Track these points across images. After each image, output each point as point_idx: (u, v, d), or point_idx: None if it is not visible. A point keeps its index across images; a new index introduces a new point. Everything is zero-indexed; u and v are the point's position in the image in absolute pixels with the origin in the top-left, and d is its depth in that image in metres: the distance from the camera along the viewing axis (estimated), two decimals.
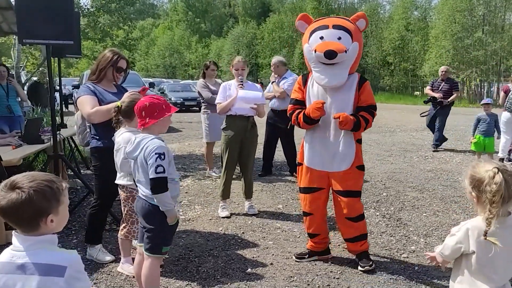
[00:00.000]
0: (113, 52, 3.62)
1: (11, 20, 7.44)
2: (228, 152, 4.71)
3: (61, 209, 1.51)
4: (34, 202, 1.43)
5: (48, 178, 1.50)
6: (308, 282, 3.23)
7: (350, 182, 3.39)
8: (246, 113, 4.65)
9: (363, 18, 3.40)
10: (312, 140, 3.46)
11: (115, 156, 3.16)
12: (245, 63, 4.78)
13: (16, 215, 1.44)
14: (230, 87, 4.74)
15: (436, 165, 7.45)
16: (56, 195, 1.49)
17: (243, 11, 49.74)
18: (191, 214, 4.83)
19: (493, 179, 1.84)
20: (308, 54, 3.37)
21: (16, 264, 1.45)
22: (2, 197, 1.43)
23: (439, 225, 4.47)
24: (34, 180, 1.46)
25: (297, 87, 3.56)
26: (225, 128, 4.76)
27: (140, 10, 56.50)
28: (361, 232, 3.49)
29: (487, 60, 26.04)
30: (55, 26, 3.88)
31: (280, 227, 4.42)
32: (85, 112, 3.45)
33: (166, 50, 51.61)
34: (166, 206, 2.56)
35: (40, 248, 1.46)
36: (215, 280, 3.25)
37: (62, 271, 1.43)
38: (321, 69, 3.30)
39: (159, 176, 2.49)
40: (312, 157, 3.44)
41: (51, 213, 1.47)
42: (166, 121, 2.68)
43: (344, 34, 3.30)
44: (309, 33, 3.40)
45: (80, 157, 6.96)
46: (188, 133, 11.39)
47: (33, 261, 1.44)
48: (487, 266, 1.92)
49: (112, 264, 3.51)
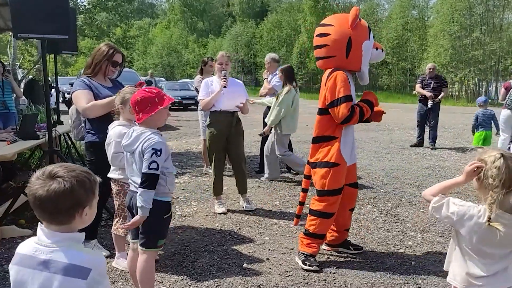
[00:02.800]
0: (109, 46, 3.59)
1: (7, 16, 7.38)
2: (215, 149, 4.68)
3: (94, 202, 1.47)
4: (75, 192, 1.37)
5: (85, 170, 1.46)
6: (304, 277, 3.21)
7: (356, 173, 3.60)
8: (230, 109, 4.63)
9: None
10: (349, 136, 3.45)
11: (106, 149, 3.13)
12: (229, 58, 4.75)
13: (55, 205, 1.36)
14: (212, 83, 4.71)
15: (434, 163, 7.44)
16: (93, 187, 1.44)
17: (240, 11, 49.69)
18: (188, 210, 4.80)
19: (494, 163, 1.86)
20: (368, 50, 3.38)
21: (39, 259, 1.38)
22: (41, 186, 1.36)
23: (436, 221, 4.45)
24: (74, 170, 1.41)
25: (347, 83, 3.30)
26: (210, 124, 4.72)
27: (139, 9, 56.51)
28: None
29: (485, 59, 26.06)
30: (50, 21, 3.83)
31: (276, 223, 4.40)
32: (80, 106, 3.41)
33: (164, 49, 51.54)
34: (146, 204, 2.47)
35: (66, 246, 1.39)
36: (211, 275, 3.23)
37: (86, 274, 1.37)
38: (368, 67, 3.46)
39: (151, 172, 2.45)
40: (349, 154, 3.44)
41: (87, 205, 1.42)
42: (162, 114, 2.60)
43: None
44: (368, 30, 3.39)
45: (76, 154, 6.93)
46: (186, 131, 11.37)
47: (57, 259, 1.37)
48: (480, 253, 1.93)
49: (107, 259, 3.48)
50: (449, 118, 14.37)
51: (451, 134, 11.00)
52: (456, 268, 2.01)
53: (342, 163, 3.36)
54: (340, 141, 3.36)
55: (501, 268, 1.93)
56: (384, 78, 33.43)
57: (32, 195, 1.37)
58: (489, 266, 1.92)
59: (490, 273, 1.92)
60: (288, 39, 39.18)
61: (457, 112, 17.91)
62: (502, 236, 1.86)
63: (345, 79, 3.27)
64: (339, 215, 3.54)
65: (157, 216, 2.57)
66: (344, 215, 3.58)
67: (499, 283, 1.93)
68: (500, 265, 1.93)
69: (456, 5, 26.20)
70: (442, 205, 1.99)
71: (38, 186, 1.36)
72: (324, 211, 3.38)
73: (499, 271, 1.93)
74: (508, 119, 7.51)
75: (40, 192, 1.35)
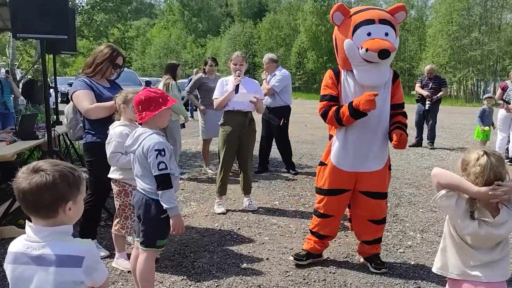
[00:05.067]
0: (111, 48, 3.57)
1: (6, 16, 7.37)
2: (226, 148, 4.67)
3: (79, 198, 1.48)
4: (57, 186, 1.40)
5: (71, 165, 1.49)
6: (304, 277, 3.22)
7: (381, 183, 3.21)
8: (244, 108, 4.62)
9: (403, 10, 3.15)
10: (346, 139, 3.20)
11: (106, 149, 3.13)
12: (244, 59, 4.75)
13: (36, 198, 1.39)
14: (228, 82, 4.70)
15: (433, 162, 7.45)
16: (77, 183, 1.47)
17: (238, 11, 49.67)
18: (187, 210, 4.80)
19: (478, 160, 1.89)
20: (352, 50, 3.07)
21: (32, 255, 1.42)
22: (24, 179, 1.39)
23: (436, 221, 4.46)
24: (59, 165, 1.44)
25: (330, 83, 3.23)
26: (223, 123, 4.72)
27: (138, 9, 56.41)
28: (379, 235, 3.37)
29: (484, 59, 26.11)
30: (49, 21, 3.83)
31: (276, 223, 4.40)
32: (82, 107, 3.37)
33: (162, 49, 51.50)
34: (168, 204, 2.52)
35: (55, 239, 1.43)
36: (211, 275, 3.23)
37: (79, 262, 1.41)
38: (366, 67, 3.06)
39: (162, 173, 2.48)
40: (343, 158, 3.21)
41: (70, 200, 1.44)
42: (164, 115, 2.61)
43: (390, 29, 3.07)
44: (353, 27, 3.07)
45: (75, 154, 6.91)
46: (185, 131, 11.25)
47: (49, 253, 1.40)
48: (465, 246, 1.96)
49: (107, 259, 3.48)
50: (447, 118, 14.37)
51: (449, 134, 11.03)
52: (452, 259, 2.02)
53: (329, 164, 3.26)
54: (334, 141, 3.27)
55: (497, 259, 1.94)
56: None
57: (16, 188, 1.42)
58: (484, 255, 1.93)
59: (485, 261, 1.93)
60: (287, 39, 39.18)
61: (455, 112, 17.93)
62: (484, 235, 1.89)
63: (329, 77, 3.24)
64: (357, 223, 3.40)
65: (155, 215, 2.58)
66: (362, 224, 3.35)
67: (494, 274, 1.94)
68: (495, 254, 1.94)
69: (454, 5, 26.25)
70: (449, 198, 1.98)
71: (21, 180, 1.40)
72: (316, 209, 3.42)
73: (494, 261, 1.94)
74: (505, 119, 7.56)
75: (23, 185, 1.39)
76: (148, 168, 2.53)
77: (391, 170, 3.37)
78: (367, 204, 3.25)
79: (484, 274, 1.92)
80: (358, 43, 3.04)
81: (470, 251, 1.94)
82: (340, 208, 3.37)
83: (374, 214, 3.27)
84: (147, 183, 2.57)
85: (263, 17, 43.36)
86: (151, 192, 2.56)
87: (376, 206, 3.25)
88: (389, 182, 3.38)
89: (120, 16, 13.07)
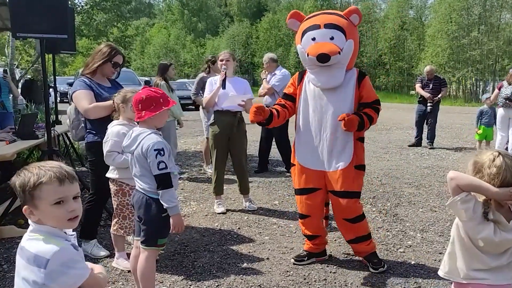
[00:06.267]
0: (110, 47, 3.57)
1: (5, 16, 7.37)
2: (217, 148, 4.68)
3: (39, 203, 1.46)
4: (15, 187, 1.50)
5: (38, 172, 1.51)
6: (304, 277, 3.21)
7: (347, 182, 3.19)
8: (232, 109, 4.62)
9: (356, 13, 3.21)
10: (305, 139, 3.29)
11: (103, 147, 3.13)
12: (231, 55, 4.75)
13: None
14: (216, 81, 4.71)
15: (433, 162, 7.46)
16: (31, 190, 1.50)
17: (238, 11, 49.66)
18: (187, 210, 4.80)
19: (493, 161, 1.84)
20: (302, 55, 3.23)
21: (20, 245, 1.49)
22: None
23: (436, 221, 4.46)
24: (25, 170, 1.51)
25: (290, 83, 3.46)
26: (212, 123, 4.73)
27: (137, 8, 56.37)
28: (362, 233, 3.32)
29: (483, 59, 26.11)
30: (49, 20, 3.83)
31: (276, 223, 4.40)
32: (82, 107, 3.38)
33: (162, 49, 51.48)
34: (169, 203, 2.52)
35: (37, 237, 1.46)
36: (211, 275, 3.23)
37: (43, 263, 1.40)
38: (316, 70, 3.17)
39: (162, 172, 2.48)
40: (306, 156, 3.29)
41: (26, 205, 1.48)
42: (163, 115, 2.61)
43: (337, 33, 3.13)
44: (301, 33, 3.24)
45: (75, 154, 6.91)
46: (184, 131, 11.32)
47: (26, 247, 1.45)
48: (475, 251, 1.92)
49: (107, 259, 3.48)
50: (446, 118, 14.38)
51: (449, 133, 11.04)
52: (460, 264, 2.00)
53: (297, 164, 3.36)
54: (295, 142, 3.40)
55: (505, 263, 1.93)
56: (381, 78, 33.47)
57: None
58: (493, 260, 1.92)
59: (493, 266, 1.91)
60: (286, 38, 39.16)
61: (454, 112, 17.94)
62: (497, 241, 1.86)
63: (293, 78, 3.46)
64: (337, 223, 3.41)
65: (155, 214, 2.58)
66: (339, 224, 3.38)
67: (502, 277, 1.93)
68: (503, 260, 1.93)
69: (454, 5, 26.25)
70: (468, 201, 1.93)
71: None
72: (299, 211, 3.47)
73: (502, 266, 1.93)
74: (504, 119, 7.57)
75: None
76: (148, 168, 2.53)
77: (363, 170, 3.32)
78: (337, 203, 3.25)
79: (491, 277, 1.91)
80: (305, 48, 3.19)
81: (479, 255, 1.92)
82: (315, 208, 3.35)
83: (346, 213, 3.25)
84: (146, 183, 2.57)
85: (262, 17, 43.34)
86: (151, 191, 2.56)
87: (346, 205, 3.22)
88: (362, 181, 3.34)
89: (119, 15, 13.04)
